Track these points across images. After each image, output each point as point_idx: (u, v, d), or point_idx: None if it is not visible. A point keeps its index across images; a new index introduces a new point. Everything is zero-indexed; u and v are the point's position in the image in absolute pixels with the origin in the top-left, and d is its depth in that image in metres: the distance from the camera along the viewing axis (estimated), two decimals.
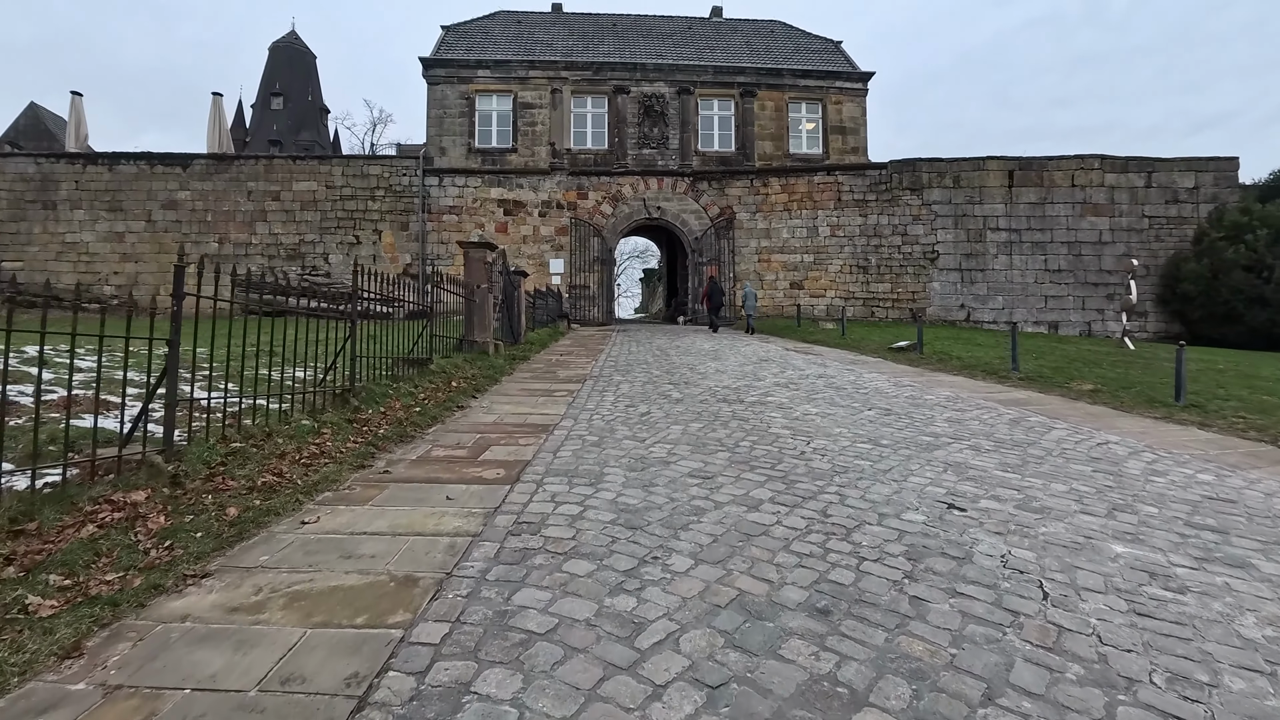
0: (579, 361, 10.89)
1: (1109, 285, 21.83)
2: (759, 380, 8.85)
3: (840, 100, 24.06)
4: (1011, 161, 22.40)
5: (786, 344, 15.22)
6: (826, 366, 10.70)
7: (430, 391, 6.78)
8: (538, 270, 22.38)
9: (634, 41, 25.06)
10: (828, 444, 5.21)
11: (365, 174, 21.95)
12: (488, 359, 9.31)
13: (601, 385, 8.20)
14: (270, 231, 21.65)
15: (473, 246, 9.59)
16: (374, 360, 6.74)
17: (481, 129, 22.75)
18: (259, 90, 64.74)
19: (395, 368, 7.09)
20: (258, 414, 4.86)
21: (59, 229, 21.25)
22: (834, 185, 22.69)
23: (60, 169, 21.36)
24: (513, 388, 7.95)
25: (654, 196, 23.08)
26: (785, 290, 22.82)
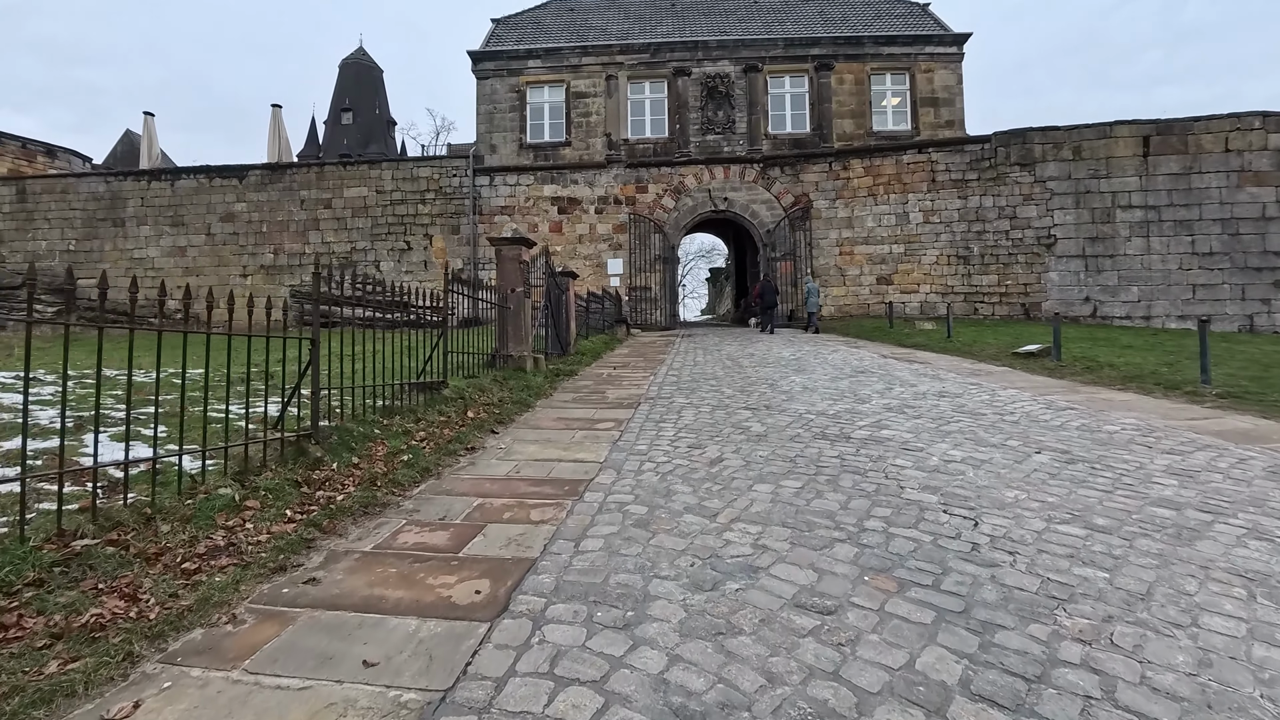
0: (634, 377, 9.15)
1: (1277, 270, 18.08)
2: (863, 402, 6.81)
3: (931, 68, 21.28)
4: (1147, 126, 18.97)
5: (881, 349, 12.93)
6: (943, 380, 8.49)
7: (435, 427, 5.20)
8: (595, 271, 20.88)
9: (694, 20, 23.17)
10: (1008, 525, 3.23)
11: (415, 177, 21.14)
12: (524, 377, 7.71)
13: (659, 411, 6.41)
14: (323, 240, 21.19)
15: (505, 243, 8.04)
16: (371, 387, 5.23)
17: (533, 123, 21.48)
18: (330, 106, 67.10)
19: (400, 395, 5.57)
20: (169, 478, 3.39)
21: (127, 245, 21.59)
22: (927, 164, 19.97)
23: (128, 186, 21.70)
24: (547, 416, 6.28)
25: (720, 187, 21.11)
26: (871, 286, 20.29)
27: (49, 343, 12.04)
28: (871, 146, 20.70)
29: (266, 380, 4.52)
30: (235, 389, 6.13)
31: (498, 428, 5.63)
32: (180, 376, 3.74)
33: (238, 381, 6.35)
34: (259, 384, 6.24)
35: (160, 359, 3.51)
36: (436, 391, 5.98)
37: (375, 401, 5.35)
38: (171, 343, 4.18)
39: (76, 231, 21.73)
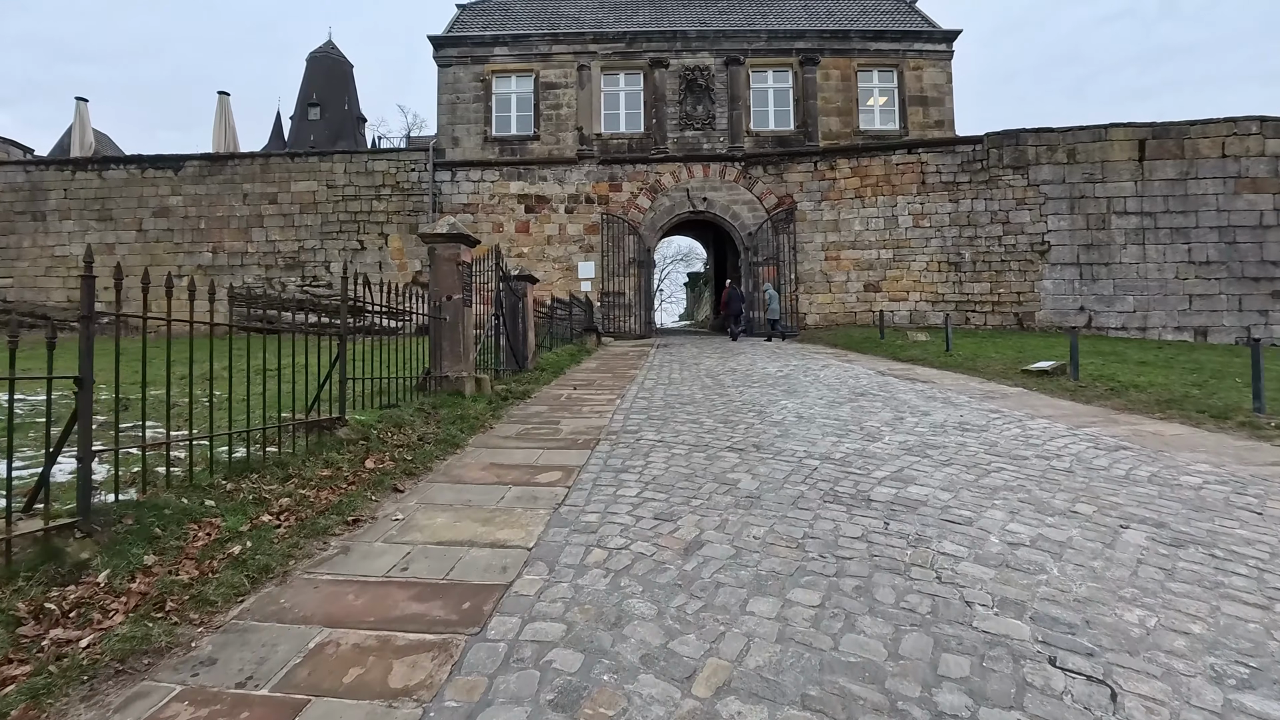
0: (598, 399, 7.79)
1: (1275, 280, 17.43)
2: (873, 439, 5.56)
3: (920, 65, 20.34)
4: (1142, 129, 18.21)
5: (876, 364, 11.77)
6: (957, 406, 7.30)
7: (311, 488, 3.80)
8: (564, 275, 19.50)
9: (672, 11, 21.97)
10: (1163, 692, 1.96)
11: (370, 170, 19.52)
12: (459, 404, 6.33)
13: (622, 454, 5.07)
14: (268, 238, 19.43)
15: (441, 240, 6.61)
16: (222, 435, 3.81)
17: (499, 115, 20.02)
18: (297, 101, 64.69)
19: (275, 439, 4.15)
20: None
21: (48, 241, 19.58)
22: (917, 165, 18.98)
23: (50, 176, 19.71)
24: (477, 462, 4.90)
25: (699, 186, 19.88)
26: (858, 293, 19.22)
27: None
28: (859, 146, 19.66)
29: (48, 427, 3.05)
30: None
31: (405, 482, 4.24)
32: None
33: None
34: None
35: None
36: (330, 432, 4.56)
37: (233, 453, 3.93)
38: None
39: None
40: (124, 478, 3.33)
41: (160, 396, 6.12)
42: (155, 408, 5.56)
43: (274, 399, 4.36)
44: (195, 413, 5.45)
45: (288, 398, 5.25)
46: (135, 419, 4.99)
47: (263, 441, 4.11)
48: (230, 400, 4.99)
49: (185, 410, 5.62)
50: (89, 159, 20.33)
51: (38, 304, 19.28)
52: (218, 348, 4.63)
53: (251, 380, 4.01)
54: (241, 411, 5.47)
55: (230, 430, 3.89)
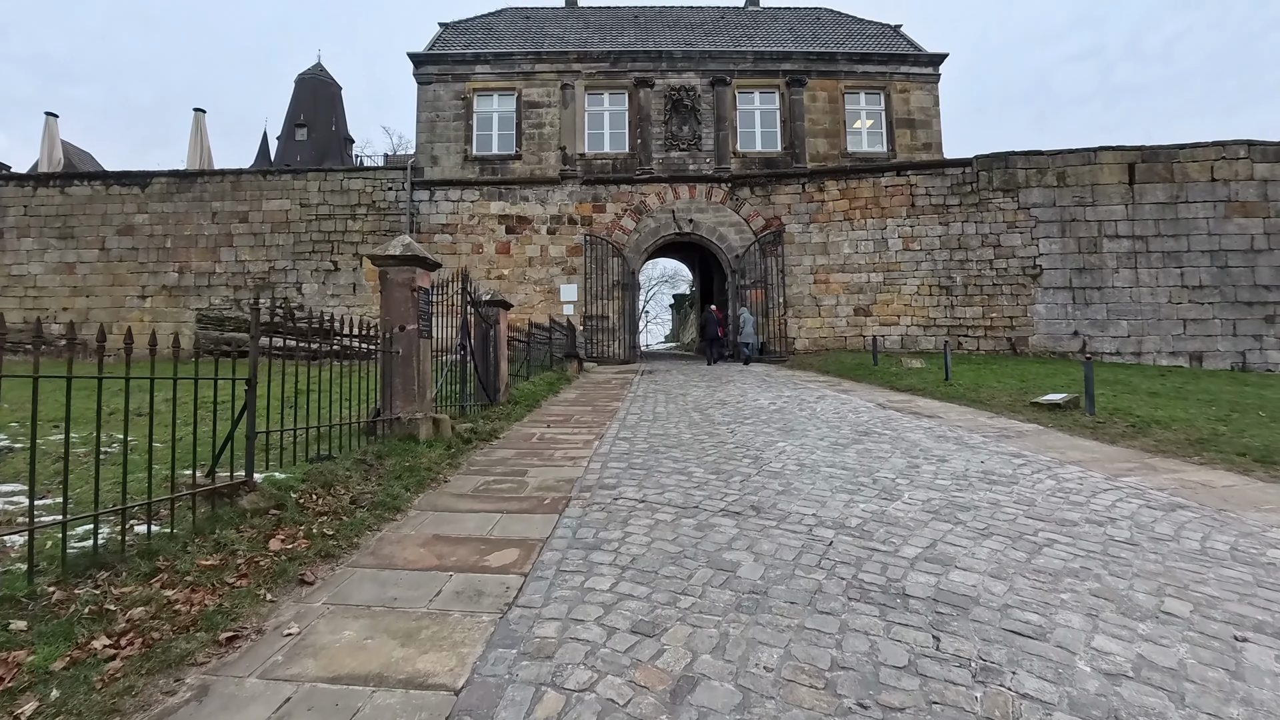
0: (574, 440, 6.95)
1: (1267, 304, 17.11)
2: (891, 497, 4.78)
3: (907, 88, 20.07)
4: (1131, 153, 17.98)
5: (873, 394, 11.06)
6: (974, 449, 6.56)
7: (182, 589, 2.91)
8: (546, 298, 18.72)
9: (658, 32, 21.60)
10: None
11: (345, 189, 18.71)
12: (411, 452, 5.46)
13: (595, 521, 4.22)
14: (237, 258, 18.47)
15: (392, 263, 5.79)
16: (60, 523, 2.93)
17: (480, 134, 19.37)
18: (284, 122, 64.13)
19: (164, 509, 3.27)
20: None
21: (4, 260, 18.46)
22: (906, 188, 18.57)
23: (8, 192, 18.66)
24: (417, 535, 4.03)
25: (685, 208, 19.30)
26: (849, 317, 18.63)
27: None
28: (847, 168, 19.23)
29: None
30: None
31: (318, 569, 3.36)
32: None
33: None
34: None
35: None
36: (232, 500, 3.68)
37: (100, 536, 3.04)
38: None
39: None
40: None
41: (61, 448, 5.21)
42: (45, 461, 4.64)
43: (187, 449, 3.50)
44: (73, 473, 4.56)
45: (206, 446, 4.37)
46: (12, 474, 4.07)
47: (146, 517, 3.23)
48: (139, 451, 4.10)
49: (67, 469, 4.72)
50: (50, 174, 19.34)
51: None
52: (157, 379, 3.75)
53: (170, 421, 3.14)
54: (132, 472, 4.58)
55: (95, 509, 2.99)
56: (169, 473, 4.08)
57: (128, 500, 3.19)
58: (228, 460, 4.42)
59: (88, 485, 3.98)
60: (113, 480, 4.30)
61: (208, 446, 4.64)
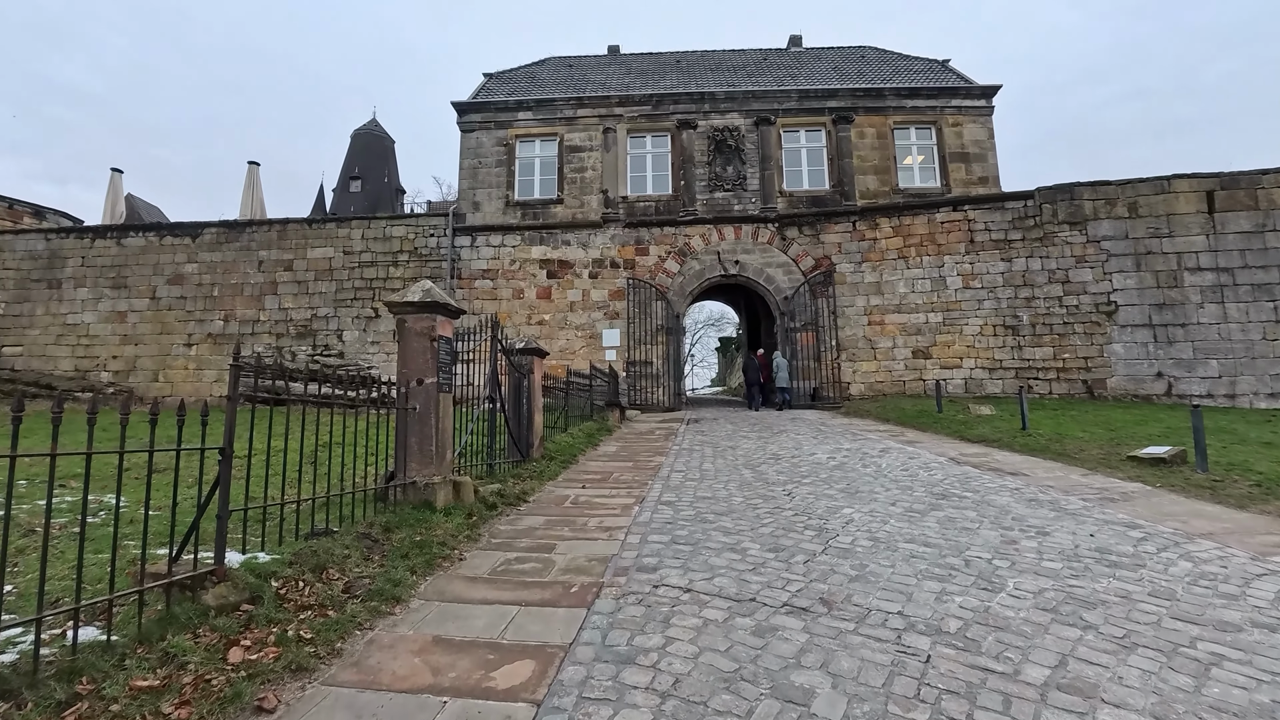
0: (611, 505, 6.22)
1: None
2: (990, 585, 3.86)
3: (959, 121, 19.28)
4: (1209, 179, 16.60)
5: (942, 445, 9.98)
6: (1077, 518, 5.53)
7: None
8: (588, 343, 18.26)
9: (700, 75, 21.55)
10: None
11: (388, 236, 18.92)
12: (425, 522, 4.83)
13: (629, 624, 3.45)
14: (280, 306, 18.76)
15: (410, 311, 5.30)
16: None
17: (522, 179, 19.42)
18: (340, 174, 67.57)
19: (100, 617, 2.70)
20: None
21: (61, 309, 19.23)
22: (963, 223, 17.59)
23: (69, 245, 19.58)
24: (412, 639, 3.35)
25: (730, 249, 18.74)
26: (906, 360, 17.49)
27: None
28: (900, 204, 18.40)
29: None
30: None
31: (284, 689, 2.70)
32: None
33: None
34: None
35: None
36: (194, 594, 3.08)
37: (16, 649, 2.47)
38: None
39: (7, 294, 19.44)
40: None
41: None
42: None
43: (162, 522, 2.96)
44: (37, 553, 4.09)
45: (185, 515, 3.84)
46: None
47: (74, 621, 2.64)
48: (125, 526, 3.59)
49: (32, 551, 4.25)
50: (108, 226, 20.25)
51: (44, 373, 18.74)
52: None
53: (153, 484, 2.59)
54: (101, 551, 4.07)
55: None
56: (140, 554, 3.55)
57: (63, 598, 2.62)
58: (210, 535, 3.88)
59: (34, 575, 3.47)
60: (69, 564, 3.80)
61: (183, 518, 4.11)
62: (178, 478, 3.37)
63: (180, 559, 3.31)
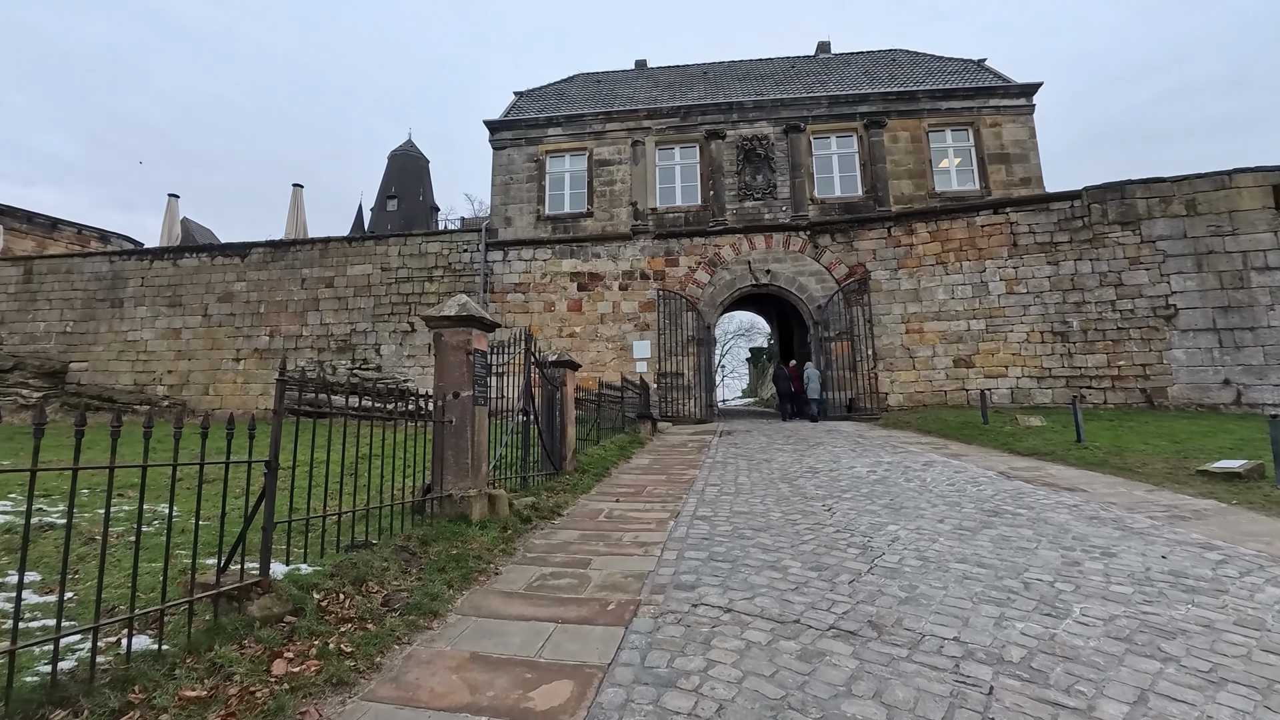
0: (645, 520, 6.14)
1: None
2: (1054, 610, 3.66)
3: (998, 121, 18.80)
4: (1275, 174, 15.79)
5: (991, 459, 9.63)
6: (1145, 538, 5.23)
7: None
8: (618, 356, 18.27)
9: (728, 86, 21.54)
10: None
11: (423, 253, 19.33)
12: (461, 535, 4.84)
13: (668, 646, 3.36)
14: (322, 321, 19.30)
15: (447, 324, 5.35)
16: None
17: (552, 193, 19.65)
18: (378, 194, 69.57)
19: (159, 625, 2.75)
20: None
21: (122, 327, 20.18)
22: (1005, 226, 17.11)
23: (130, 266, 20.56)
24: (449, 655, 3.32)
25: (761, 258, 18.58)
26: (947, 369, 17.02)
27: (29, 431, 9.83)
28: (937, 208, 18.00)
29: None
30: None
31: (325, 703, 2.70)
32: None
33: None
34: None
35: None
36: (241, 605, 3.12)
37: (73, 657, 2.53)
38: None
39: (75, 313, 20.52)
40: None
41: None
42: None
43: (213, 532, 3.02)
44: (93, 561, 4.20)
45: (235, 525, 3.91)
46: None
47: (127, 629, 2.69)
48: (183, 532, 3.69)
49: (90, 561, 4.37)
50: (165, 248, 21.19)
51: (106, 386, 19.62)
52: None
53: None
54: (154, 560, 4.16)
55: (57, 632, 2.46)
56: (190, 564, 3.62)
57: (118, 606, 2.68)
58: (256, 546, 3.94)
59: (93, 583, 3.57)
60: (124, 572, 3.89)
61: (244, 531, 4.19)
62: (226, 489, 3.42)
63: (228, 569, 3.36)
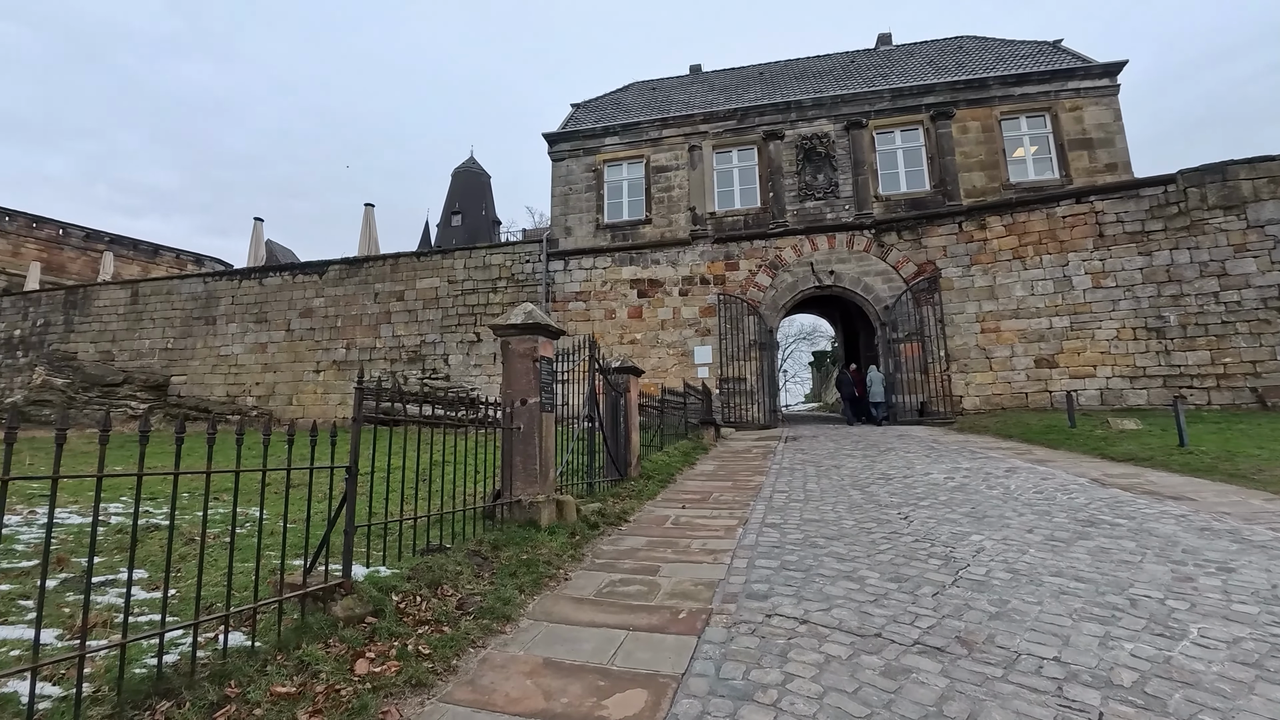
0: (713, 527, 6.04)
1: None
2: (1167, 630, 3.35)
3: (1078, 105, 17.67)
4: None
5: (1081, 465, 8.98)
6: (1269, 552, 4.73)
7: None
8: (679, 362, 18.20)
9: (785, 85, 21.17)
10: None
11: (487, 264, 19.88)
12: (531, 540, 4.89)
13: (743, 658, 3.26)
14: (394, 333, 20.14)
15: (514, 333, 5.45)
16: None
17: (611, 202, 19.82)
18: (443, 210, 72.25)
19: (247, 622, 2.90)
20: None
21: (215, 342, 21.70)
22: (1089, 215, 16.05)
23: (221, 286, 22.10)
24: (522, 660, 3.33)
25: (824, 259, 18.11)
26: (1028, 370, 16.07)
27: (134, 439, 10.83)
28: (1012, 200, 17.07)
29: None
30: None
31: (406, 704, 2.75)
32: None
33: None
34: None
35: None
36: (325, 605, 3.24)
37: (174, 652, 2.69)
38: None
39: (175, 330, 22.25)
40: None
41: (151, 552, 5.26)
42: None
43: (298, 535, 3.18)
44: (188, 561, 4.47)
45: (316, 528, 4.09)
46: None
47: (224, 626, 2.84)
48: (259, 542, 3.89)
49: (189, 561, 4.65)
50: (252, 269, 22.66)
51: (202, 398, 21.14)
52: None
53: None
54: (245, 559, 4.37)
55: (163, 628, 2.62)
56: (278, 564, 3.80)
57: (215, 604, 2.83)
58: (338, 548, 4.10)
59: (193, 581, 3.79)
60: (220, 571, 4.11)
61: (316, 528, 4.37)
62: (311, 494, 3.57)
63: (313, 570, 3.50)
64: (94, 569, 2.41)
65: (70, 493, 7.74)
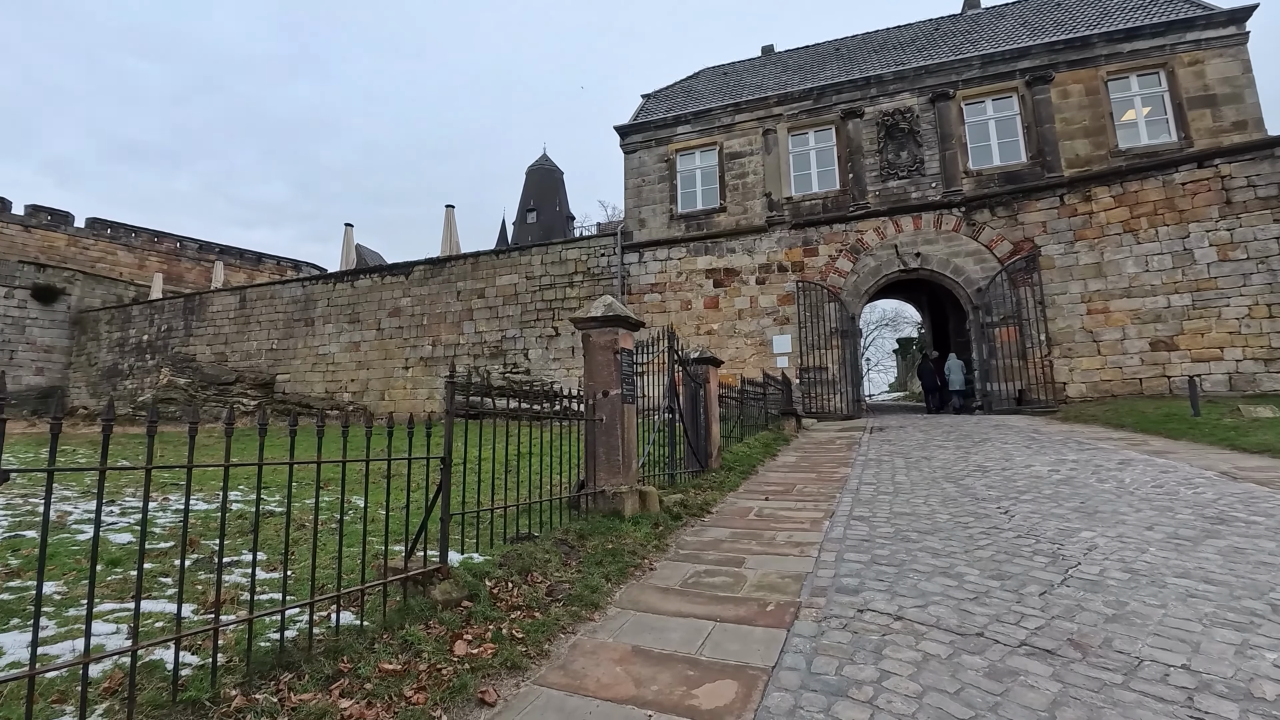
0: (798, 519, 5.92)
1: None
2: None
3: (1198, 58, 15.90)
4: None
5: (1206, 457, 8.16)
6: None
7: (350, 705, 2.62)
8: (757, 351, 17.91)
9: (863, 60, 20.26)
10: None
11: (563, 260, 20.27)
12: (615, 530, 4.97)
13: (836, 653, 3.18)
14: (476, 330, 20.93)
15: (594, 325, 5.53)
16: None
17: (684, 191, 19.69)
18: (518, 208, 74.39)
19: (360, 603, 3.12)
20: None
21: (314, 343, 23.32)
22: (1214, 180, 14.47)
23: (318, 289, 23.70)
24: (612, 646, 3.40)
25: (909, 240, 17.27)
26: (1142, 354, 14.72)
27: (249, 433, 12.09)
28: (1122, 169, 15.62)
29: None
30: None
31: (502, 684, 2.87)
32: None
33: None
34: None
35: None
36: (424, 589, 3.42)
37: (287, 630, 2.93)
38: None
39: (279, 332, 24.10)
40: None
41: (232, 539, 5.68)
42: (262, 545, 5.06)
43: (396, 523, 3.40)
44: (302, 544, 4.83)
45: (411, 520, 4.34)
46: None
47: (336, 607, 3.06)
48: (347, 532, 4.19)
49: (282, 549, 5.01)
50: (344, 272, 24.17)
51: (304, 395, 22.83)
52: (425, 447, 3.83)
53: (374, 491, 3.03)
54: (352, 545, 4.66)
55: (285, 604, 2.86)
56: (381, 549, 4.04)
57: (326, 585, 3.05)
58: (434, 535, 4.32)
59: (308, 563, 4.09)
60: (329, 555, 4.42)
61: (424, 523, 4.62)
62: (409, 483, 3.78)
63: (413, 555, 3.71)
64: (221, 551, 2.66)
65: (195, 481, 8.57)
